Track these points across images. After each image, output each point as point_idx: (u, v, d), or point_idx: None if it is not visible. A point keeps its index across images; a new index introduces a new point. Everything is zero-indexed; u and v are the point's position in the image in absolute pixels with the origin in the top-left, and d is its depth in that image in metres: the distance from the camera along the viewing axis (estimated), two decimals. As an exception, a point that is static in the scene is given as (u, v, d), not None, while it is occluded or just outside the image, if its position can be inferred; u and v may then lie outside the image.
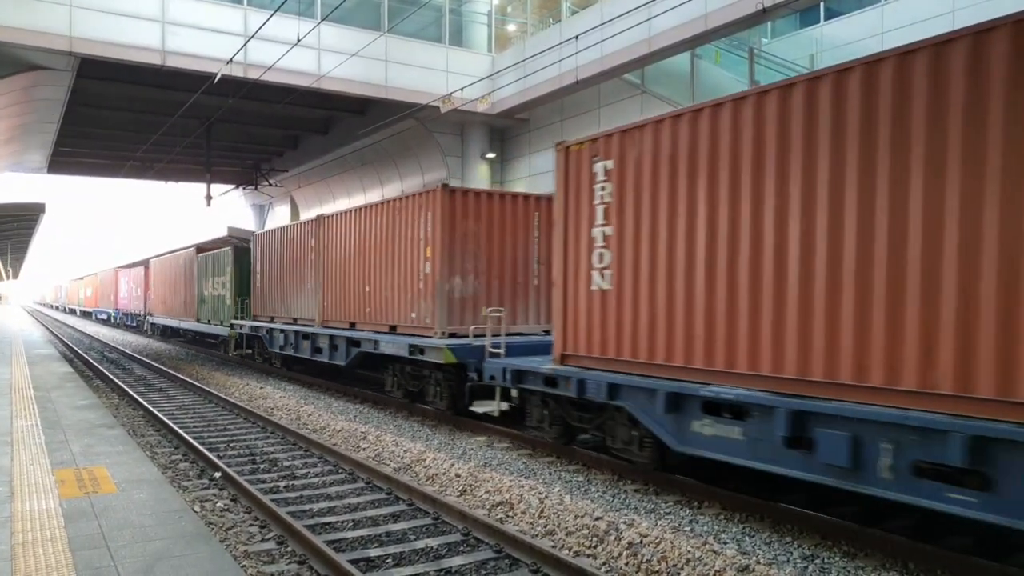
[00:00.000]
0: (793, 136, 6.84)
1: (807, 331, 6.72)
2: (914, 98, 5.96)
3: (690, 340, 7.88)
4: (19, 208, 25.73)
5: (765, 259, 7.09)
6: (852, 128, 6.37)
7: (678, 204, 8.04)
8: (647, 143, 8.44)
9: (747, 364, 7.26)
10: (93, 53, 18.51)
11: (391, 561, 6.31)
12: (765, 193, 7.10)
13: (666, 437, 7.95)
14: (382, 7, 22.65)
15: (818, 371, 6.63)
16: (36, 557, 4.90)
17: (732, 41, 19.46)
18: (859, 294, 6.30)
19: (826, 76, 6.61)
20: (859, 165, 6.31)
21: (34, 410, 10.82)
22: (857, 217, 6.32)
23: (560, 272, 9.67)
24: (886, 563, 6.25)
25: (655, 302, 8.31)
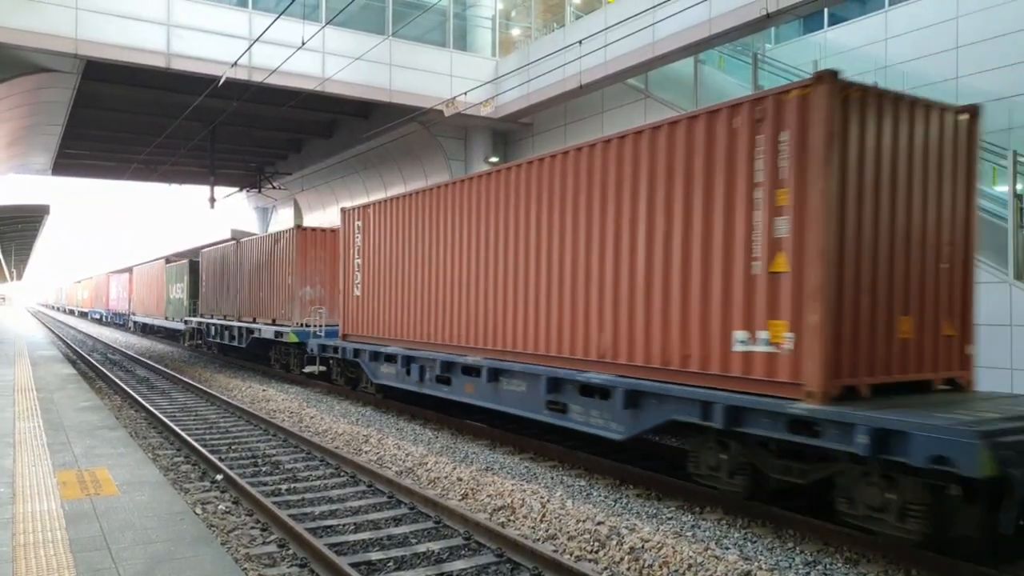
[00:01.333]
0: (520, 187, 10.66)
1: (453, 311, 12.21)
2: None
3: (394, 324, 13.94)
4: (23, 210, 25.80)
5: (455, 277, 12.14)
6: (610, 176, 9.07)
7: (393, 245, 14.06)
8: (379, 210, 14.68)
9: (417, 336, 13.19)
10: (98, 55, 18.54)
11: (392, 565, 6.30)
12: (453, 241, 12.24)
13: (367, 373, 14.78)
14: (386, 11, 22.69)
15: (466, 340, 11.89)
16: (37, 559, 4.90)
17: (736, 46, 19.47)
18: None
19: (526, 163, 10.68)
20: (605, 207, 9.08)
21: (37, 411, 10.83)
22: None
23: (341, 284, 16.12)
24: (888, 569, 6.23)
25: (384, 302, 14.37)
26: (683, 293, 7.95)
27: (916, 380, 7.39)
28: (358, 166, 31.02)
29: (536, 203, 10.24)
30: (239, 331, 22.11)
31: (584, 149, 9.44)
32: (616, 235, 8.85)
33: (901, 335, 7.24)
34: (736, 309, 7.38)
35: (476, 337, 11.45)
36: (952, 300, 7.67)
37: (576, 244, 9.48)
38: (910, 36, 17.29)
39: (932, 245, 7.48)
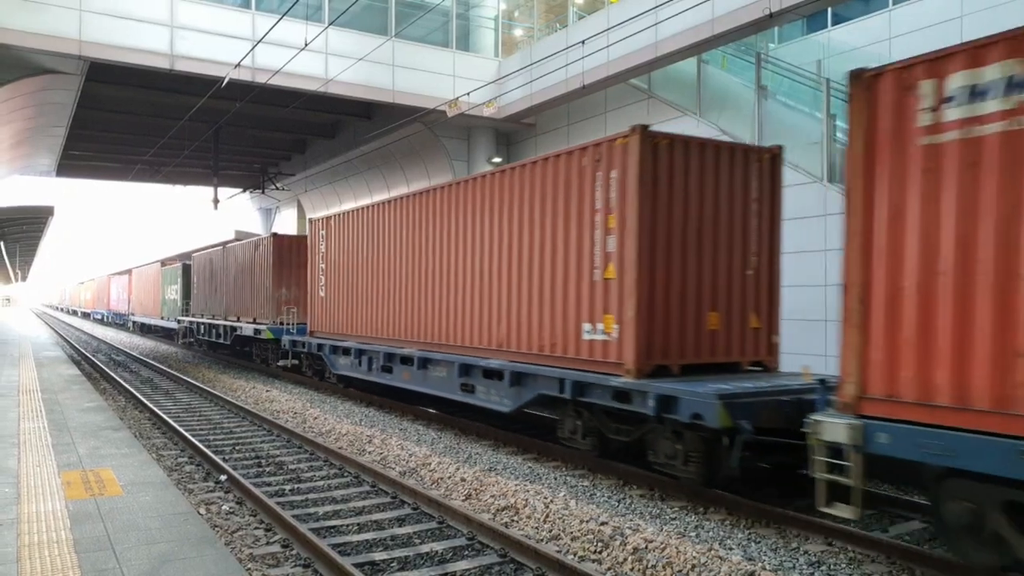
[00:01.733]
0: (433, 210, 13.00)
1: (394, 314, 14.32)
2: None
3: (350, 321, 15.98)
4: (28, 211, 25.87)
5: (393, 281, 14.25)
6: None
7: (348, 253, 16.22)
8: (338, 221, 16.65)
9: (367, 332, 15.30)
10: (102, 57, 18.58)
11: (396, 565, 6.31)
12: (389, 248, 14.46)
13: (329, 364, 16.81)
14: (389, 12, 22.71)
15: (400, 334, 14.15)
16: (42, 559, 4.92)
17: (739, 46, 19.44)
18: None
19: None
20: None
21: (41, 412, 10.86)
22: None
23: (309, 287, 18.17)
24: (892, 569, 6.22)
25: (342, 303, 16.40)
26: (551, 294, 10.07)
27: (725, 362, 9.31)
28: (361, 167, 31.05)
29: (450, 222, 12.50)
30: (224, 329, 24.16)
31: (481, 178, 11.72)
32: (508, 248, 10.99)
33: (710, 327, 9.24)
34: (584, 307, 9.49)
35: (411, 332, 13.65)
36: (759, 299, 9.62)
37: (479, 255, 11.66)
38: (914, 35, 17.26)
39: (739, 255, 9.45)
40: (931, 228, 5.66)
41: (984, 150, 5.38)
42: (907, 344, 5.77)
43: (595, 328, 9.26)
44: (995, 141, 5.31)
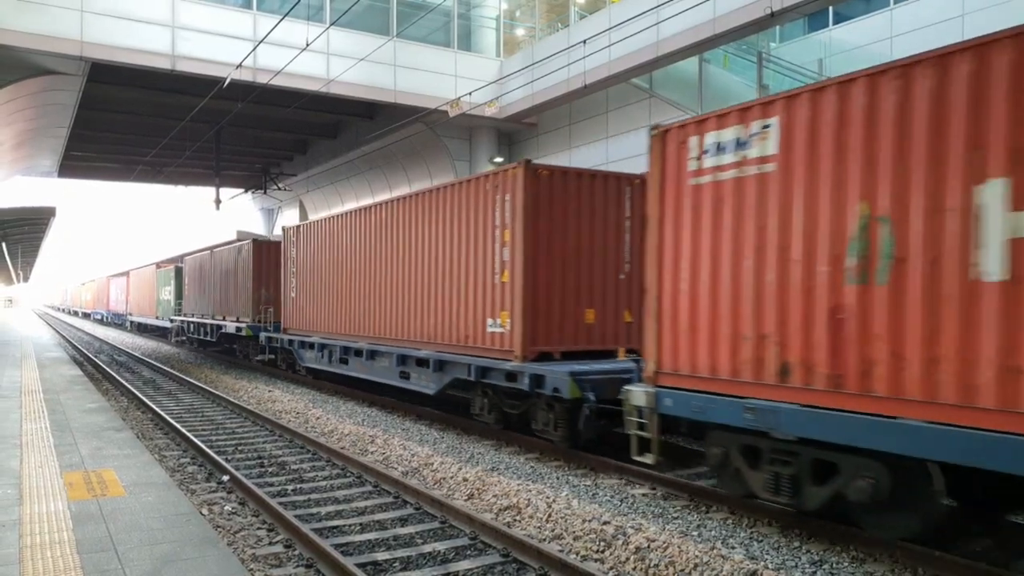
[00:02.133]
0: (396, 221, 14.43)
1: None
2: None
3: (315, 319, 17.76)
4: (30, 212, 25.89)
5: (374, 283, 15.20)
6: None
7: (312, 258, 18.06)
8: (306, 230, 18.62)
9: (328, 329, 17.17)
10: (104, 57, 18.62)
11: (398, 565, 6.31)
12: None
13: (298, 358, 18.64)
14: (391, 12, 22.72)
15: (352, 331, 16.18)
16: (44, 560, 4.92)
17: (741, 45, 19.45)
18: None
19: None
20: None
21: (43, 413, 10.87)
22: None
23: (283, 288, 20.06)
24: (895, 568, 6.22)
25: (308, 303, 18.18)
26: (465, 294, 12.04)
27: (602, 350, 11.13)
28: (363, 167, 31.07)
29: (390, 234, 14.53)
30: (211, 328, 25.91)
31: (413, 197, 13.77)
32: (433, 256, 12.95)
33: (587, 321, 11.26)
34: (487, 305, 11.46)
35: (362, 328, 15.61)
36: (631, 299, 11.40)
37: (412, 262, 13.70)
38: (915, 34, 17.26)
39: (613, 263, 11.40)
40: (696, 247, 7.57)
41: (724, 190, 7.28)
42: (683, 332, 7.71)
43: (495, 322, 11.33)
44: (730, 184, 7.23)
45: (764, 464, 7.12)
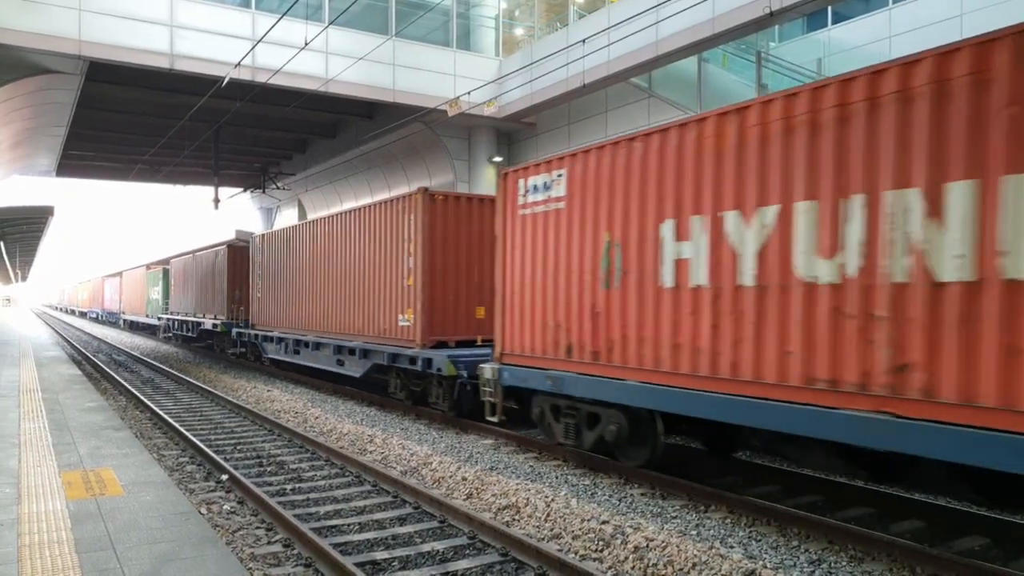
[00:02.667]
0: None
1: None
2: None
3: (275, 316, 20.09)
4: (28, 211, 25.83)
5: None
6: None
7: (271, 263, 20.58)
8: (269, 238, 20.87)
9: (285, 324, 19.48)
10: (102, 57, 18.60)
11: (397, 564, 6.31)
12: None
13: (262, 350, 21.10)
14: (389, 11, 22.71)
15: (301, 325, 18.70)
16: (43, 559, 4.92)
17: (740, 45, 19.46)
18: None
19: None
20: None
21: (42, 412, 10.86)
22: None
23: (251, 288, 22.13)
24: (893, 567, 6.22)
25: (270, 301, 20.47)
26: (383, 295, 14.46)
27: (490, 339, 11.73)
28: (362, 166, 31.06)
29: (329, 244, 16.96)
30: (192, 324, 28.63)
31: (347, 214, 16.13)
32: (361, 263, 15.39)
33: (478, 316, 13.58)
34: (399, 303, 13.89)
35: (310, 324, 17.95)
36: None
37: (346, 269, 16.09)
38: (914, 34, 17.27)
39: (488, 269, 12.92)
40: (522, 261, 10.27)
41: (537, 219, 9.95)
42: (516, 323, 10.41)
43: (404, 317, 13.72)
44: (540, 215, 9.91)
45: (562, 417, 9.77)
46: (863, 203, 6.26)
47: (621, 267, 8.58)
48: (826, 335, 6.51)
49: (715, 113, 7.59)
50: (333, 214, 16.97)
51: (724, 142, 7.46)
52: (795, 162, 6.81)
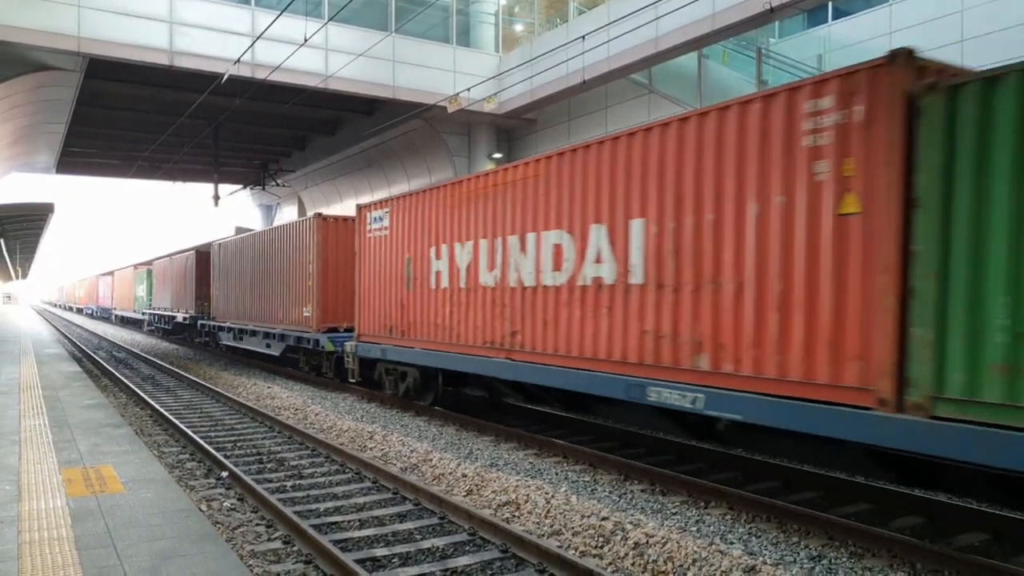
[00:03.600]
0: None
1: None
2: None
3: (228, 310, 24.13)
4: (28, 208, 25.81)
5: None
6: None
7: (223, 267, 24.73)
8: (221, 247, 25.21)
9: (233, 317, 23.57)
10: (101, 53, 18.57)
11: (397, 561, 6.31)
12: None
13: (218, 338, 25.70)
14: (389, 7, 22.68)
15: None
16: (43, 556, 4.92)
17: (740, 41, 19.43)
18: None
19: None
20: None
21: (42, 409, 10.87)
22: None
23: (212, 287, 26.00)
24: (893, 563, 6.22)
25: (223, 297, 24.40)
26: (293, 293, 18.38)
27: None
28: (362, 163, 31.03)
29: (261, 254, 20.87)
30: (168, 318, 33.26)
31: (269, 231, 20.91)
32: (280, 270, 19.42)
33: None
34: (304, 299, 17.74)
35: (249, 316, 21.87)
36: None
37: (270, 273, 20.07)
38: (915, 29, 17.23)
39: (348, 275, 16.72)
40: (369, 269, 14.40)
41: (376, 242, 14.14)
42: (365, 312, 14.55)
43: (307, 309, 17.67)
44: (376, 239, 14.09)
45: (387, 376, 14.44)
46: (501, 242, 10.74)
47: (412, 275, 12.95)
48: (489, 316, 10.97)
49: (449, 183, 12.05)
50: (264, 230, 21.99)
51: (453, 199, 11.86)
52: (478, 215, 11.27)
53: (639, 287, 8.39)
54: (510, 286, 10.39)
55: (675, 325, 7.92)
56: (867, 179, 6.14)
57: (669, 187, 8.00)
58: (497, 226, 10.70)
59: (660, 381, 7.98)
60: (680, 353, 7.85)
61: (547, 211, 9.75)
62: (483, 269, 10.98)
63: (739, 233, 7.25)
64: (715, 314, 7.47)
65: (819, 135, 6.54)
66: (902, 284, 5.87)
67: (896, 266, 5.90)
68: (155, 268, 36.89)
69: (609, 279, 8.80)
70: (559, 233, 9.56)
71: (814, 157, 6.56)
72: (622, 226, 8.63)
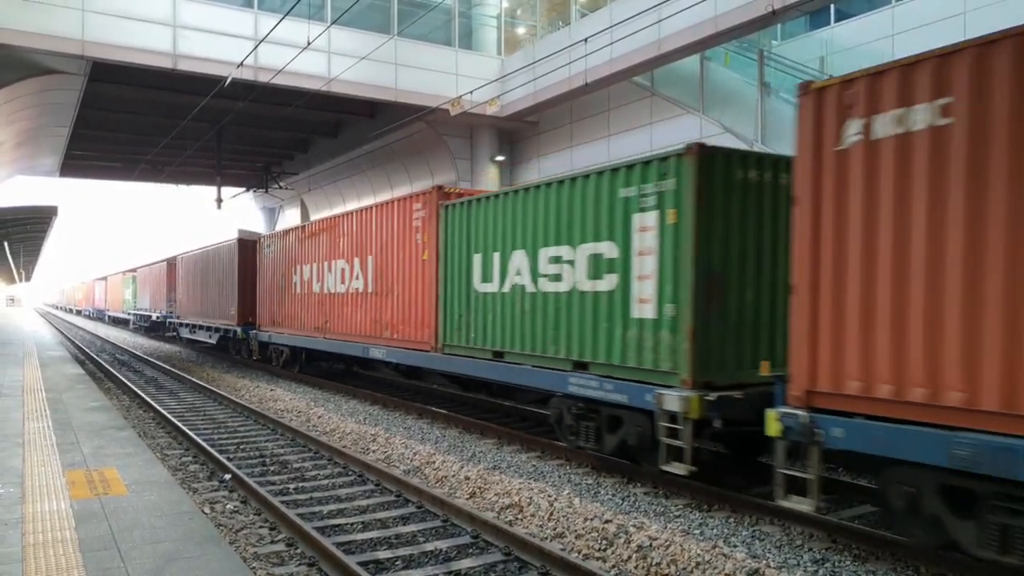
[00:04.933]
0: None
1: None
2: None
3: (186, 309, 29.94)
4: (32, 211, 25.93)
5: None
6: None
7: (182, 277, 31.65)
8: (185, 259, 31.18)
9: (190, 315, 29.39)
10: (105, 57, 18.62)
11: (400, 563, 6.31)
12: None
13: (179, 332, 31.42)
14: (391, 10, 22.71)
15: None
16: (47, 558, 4.93)
17: (742, 43, 19.42)
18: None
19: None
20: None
21: (46, 412, 10.88)
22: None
23: (177, 290, 32.65)
24: (896, 567, 6.22)
25: (183, 299, 30.67)
26: (224, 296, 23.17)
27: None
28: (364, 165, 31.07)
29: (202, 267, 26.05)
30: (146, 317, 39.13)
31: (209, 249, 25.49)
32: (216, 278, 24.40)
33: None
34: (230, 301, 22.81)
35: (199, 314, 26.52)
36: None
37: (210, 281, 24.92)
38: (917, 32, 17.23)
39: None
40: (262, 280, 21.57)
41: (267, 262, 21.17)
42: (263, 309, 21.30)
43: (231, 311, 22.47)
44: (268, 259, 21.07)
45: (273, 354, 20.57)
46: (318, 266, 17.28)
47: (284, 285, 19.47)
48: (315, 311, 17.54)
49: (301, 226, 18.88)
50: (208, 248, 26.27)
51: (302, 236, 18.42)
52: (311, 247, 17.73)
53: (372, 294, 14.95)
54: (326, 292, 17.03)
55: (381, 314, 14.62)
56: (429, 244, 12.87)
57: (377, 241, 14.85)
58: (319, 255, 17.48)
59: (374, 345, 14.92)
60: (381, 329, 14.68)
61: (336, 249, 16.56)
62: (314, 281, 17.71)
63: (394, 266, 14.19)
64: (391, 308, 14.27)
65: (417, 221, 13.31)
66: (440, 291, 12.64)
67: (436, 283, 12.75)
68: (138, 275, 43.35)
69: (362, 289, 15.32)
70: (343, 261, 16.16)
71: (415, 231, 13.38)
72: (363, 260, 15.31)
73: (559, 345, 9.86)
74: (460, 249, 12.10)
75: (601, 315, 9.13)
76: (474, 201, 11.84)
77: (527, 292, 10.55)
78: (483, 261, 11.57)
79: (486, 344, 11.51)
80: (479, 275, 11.67)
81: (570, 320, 9.72)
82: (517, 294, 10.74)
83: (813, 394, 6.27)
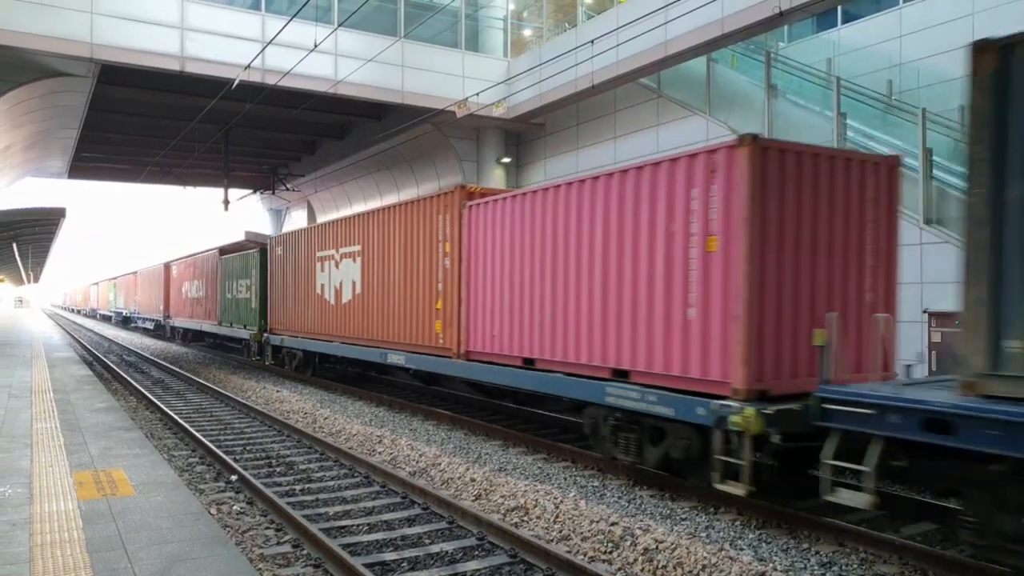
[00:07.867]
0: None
1: None
2: None
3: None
4: (41, 213, 26.01)
5: None
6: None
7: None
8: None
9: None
10: (113, 60, 18.68)
11: (406, 565, 6.32)
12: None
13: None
14: (398, 12, 22.74)
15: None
16: (54, 558, 4.95)
17: (749, 45, 19.37)
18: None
19: None
20: None
21: (53, 412, 10.93)
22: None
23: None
24: (904, 570, 6.19)
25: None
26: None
27: None
28: (371, 167, 31.09)
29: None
30: (120, 314, 48.32)
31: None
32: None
33: None
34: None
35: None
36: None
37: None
38: (924, 33, 17.17)
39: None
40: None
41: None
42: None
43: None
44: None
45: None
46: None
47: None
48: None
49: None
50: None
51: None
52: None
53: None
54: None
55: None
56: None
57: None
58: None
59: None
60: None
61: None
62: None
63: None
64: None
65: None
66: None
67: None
68: (118, 281, 53.62)
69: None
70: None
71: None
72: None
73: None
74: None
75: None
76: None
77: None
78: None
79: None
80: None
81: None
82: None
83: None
